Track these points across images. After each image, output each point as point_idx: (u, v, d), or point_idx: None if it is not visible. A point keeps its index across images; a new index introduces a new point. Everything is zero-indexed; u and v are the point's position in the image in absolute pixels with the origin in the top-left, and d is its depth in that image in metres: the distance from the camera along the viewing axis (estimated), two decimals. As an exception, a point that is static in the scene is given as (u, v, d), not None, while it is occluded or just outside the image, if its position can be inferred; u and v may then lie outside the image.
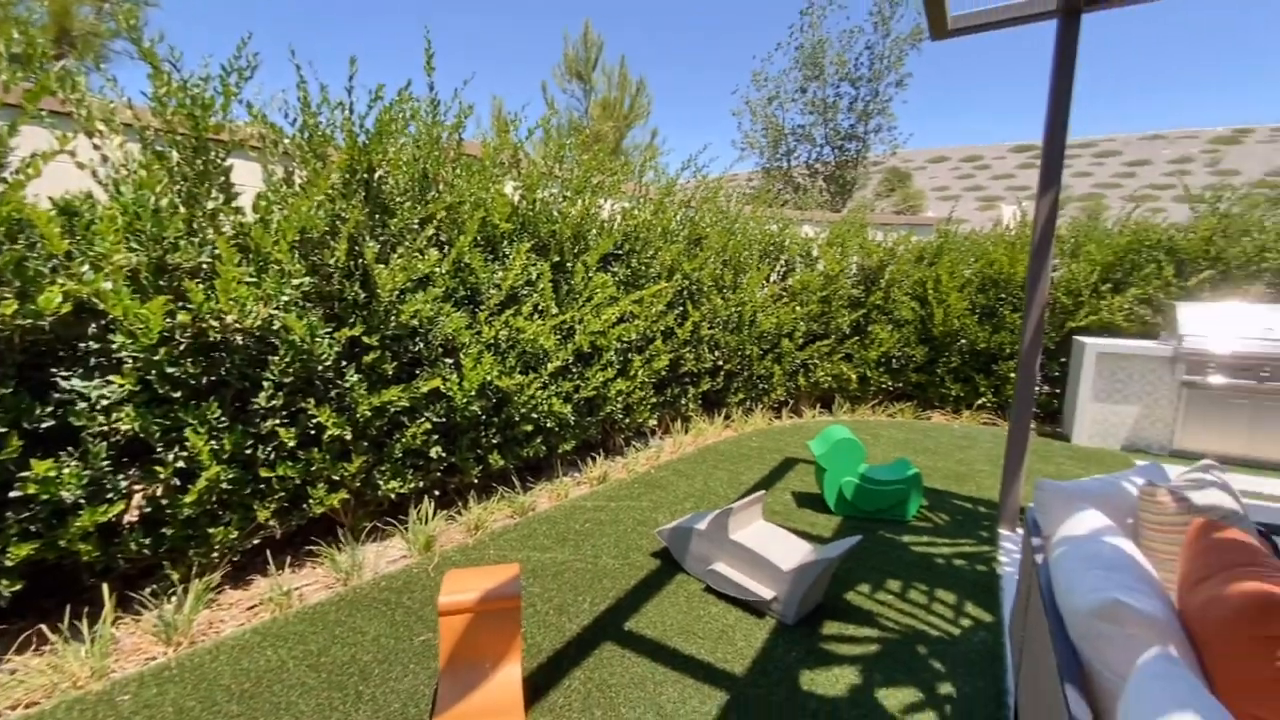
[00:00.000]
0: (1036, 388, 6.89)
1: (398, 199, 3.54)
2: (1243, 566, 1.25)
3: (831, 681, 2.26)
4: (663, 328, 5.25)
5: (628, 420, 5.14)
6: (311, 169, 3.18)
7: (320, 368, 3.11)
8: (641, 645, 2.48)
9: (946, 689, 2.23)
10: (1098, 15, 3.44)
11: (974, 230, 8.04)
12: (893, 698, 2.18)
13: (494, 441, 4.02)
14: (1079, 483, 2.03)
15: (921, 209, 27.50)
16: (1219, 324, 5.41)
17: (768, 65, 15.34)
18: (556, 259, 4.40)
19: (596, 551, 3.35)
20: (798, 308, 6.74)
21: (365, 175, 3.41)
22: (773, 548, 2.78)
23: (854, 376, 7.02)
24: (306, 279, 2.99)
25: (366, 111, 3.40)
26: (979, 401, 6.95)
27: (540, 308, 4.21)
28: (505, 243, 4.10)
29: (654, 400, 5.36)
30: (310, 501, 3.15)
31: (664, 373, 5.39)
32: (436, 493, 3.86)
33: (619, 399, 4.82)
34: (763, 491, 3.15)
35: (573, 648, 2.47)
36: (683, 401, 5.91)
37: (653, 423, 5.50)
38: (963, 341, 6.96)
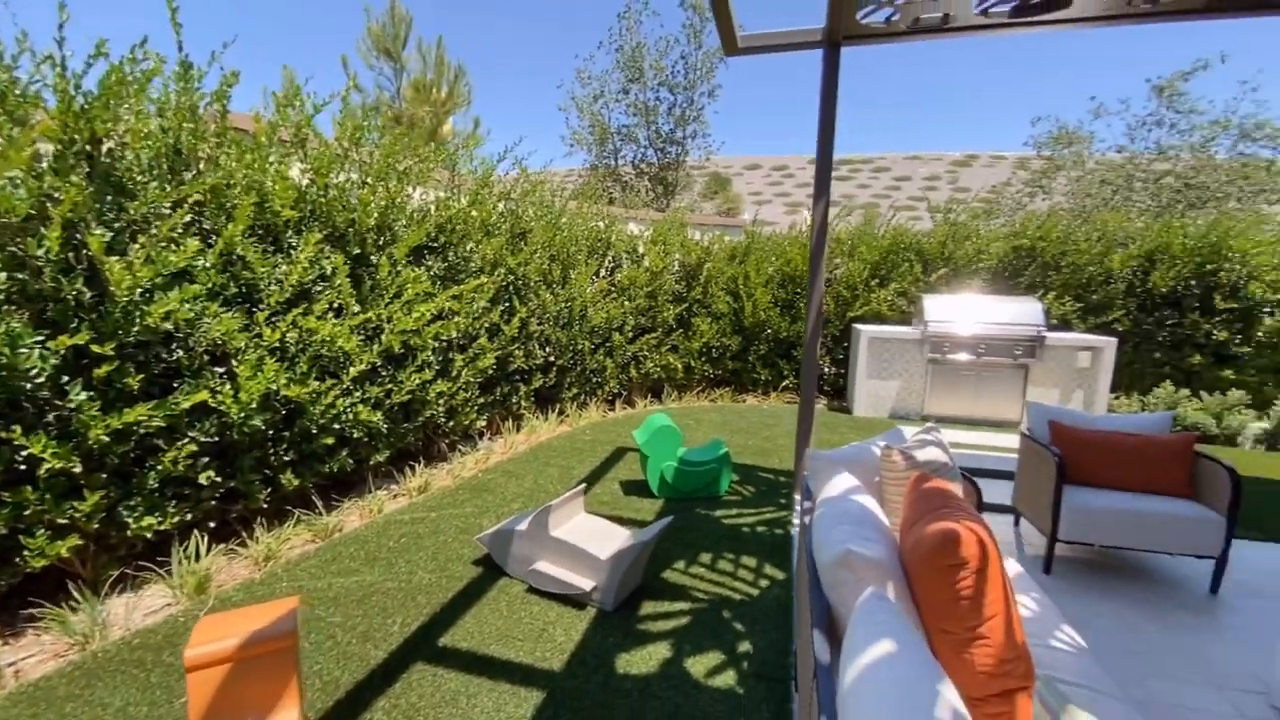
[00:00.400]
0: (829, 369, 8.04)
1: (138, 178, 2.93)
2: (938, 510, 1.54)
3: (646, 660, 2.37)
4: (487, 325, 5.06)
5: (452, 424, 4.87)
6: (4, 135, 2.50)
7: (29, 386, 2.47)
8: (456, 660, 2.36)
9: (745, 646, 2.47)
10: (861, 50, 4.01)
11: (775, 232, 9.00)
12: (699, 664, 2.35)
13: (287, 459, 3.55)
14: (838, 450, 2.37)
15: (739, 212, 30.16)
16: (953, 311, 6.71)
17: (590, 64, 15.59)
18: (357, 251, 4.00)
19: (412, 568, 3.12)
20: (626, 302, 6.97)
21: (87, 147, 2.76)
22: (592, 539, 2.83)
23: (680, 366, 7.47)
24: (-4, 274, 2.34)
25: (86, 69, 2.76)
26: (784, 383, 7.84)
27: (338, 305, 3.79)
28: (290, 233, 3.62)
29: (481, 401, 5.16)
30: (26, 553, 2.50)
31: (491, 371, 5.21)
32: (212, 524, 3.30)
33: (440, 402, 4.55)
34: (583, 485, 3.20)
35: (377, 676, 2.27)
36: (514, 400, 5.78)
37: (481, 424, 5.29)
38: (768, 331, 7.77)
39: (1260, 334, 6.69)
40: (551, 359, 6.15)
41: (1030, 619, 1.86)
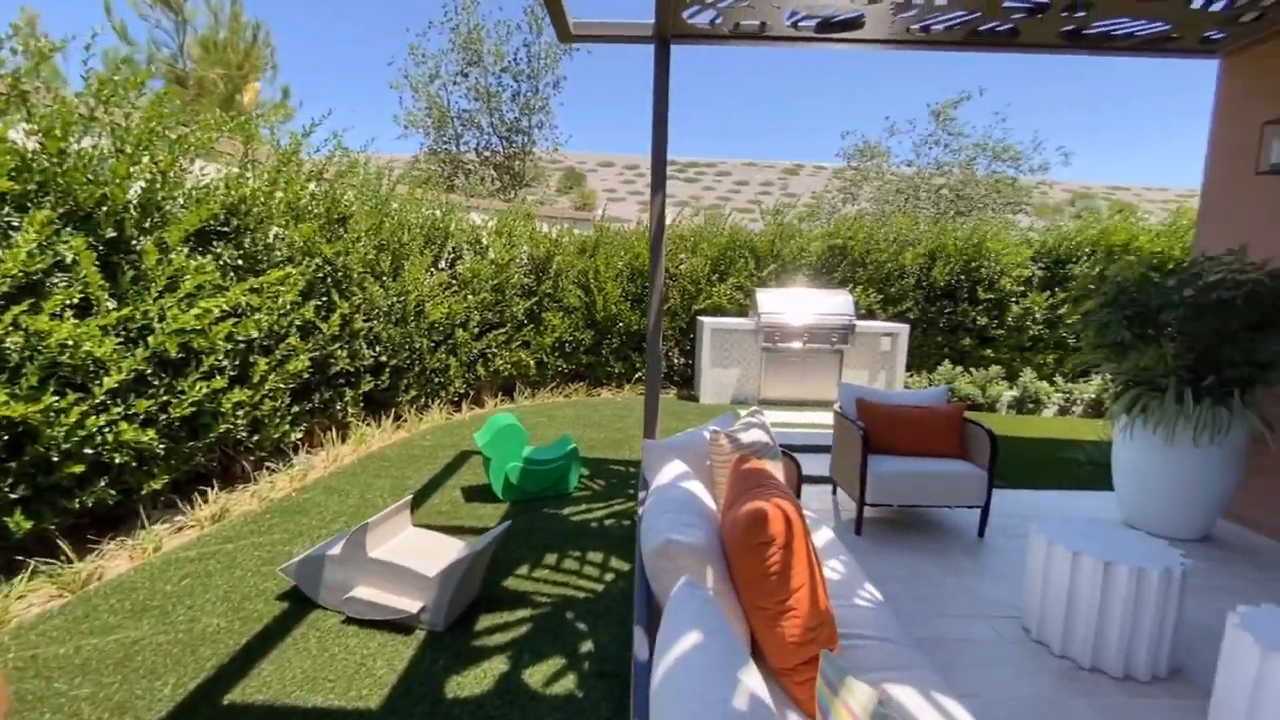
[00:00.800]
0: (678, 360, 8.36)
1: None
2: (752, 490, 1.59)
3: (480, 679, 2.20)
4: (299, 322, 4.43)
5: (257, 438, 4.20)
6: None
7: None
8: (247, 718, 2.00)
9: (587, 646, 2.41)
10: (713, 52, 4.12)
11: (623, 227, 9.13)
12: (539, 673, 2.24)
13: (15, 496, 2.79)
14: (672, 439, 2.40)
15: (594, 208, 30.39)
16: (782, 304, 7.31)
17: (424, 41, 14.55)
18: (112, 234, 3.25)
19: (195, 614, 2.60)
20: (470, 296, 6.59)
21: None
22: (420, 555, 2.58)
23: (532, 362, 7.26)
24: None
25: None
26: (637, 375, 7.99)
27: (83, 300, 3.05)
28: (8, 209, 2.82)
29: (296, 410, 4.52)
30: None
31: (307, 376, 4.58)
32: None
33: (239, 413, 3.89)
34: (408, 497, 2.91)
35: (134, 757, 1.83)
36: (338, 407, 5.17)
37: (297, 436, 4.65)
38: (620, 325, 7.87)
39: (1010, 319, 8.22)
40: (384, 359, 5.61)
41: (838, 582, 2.02)
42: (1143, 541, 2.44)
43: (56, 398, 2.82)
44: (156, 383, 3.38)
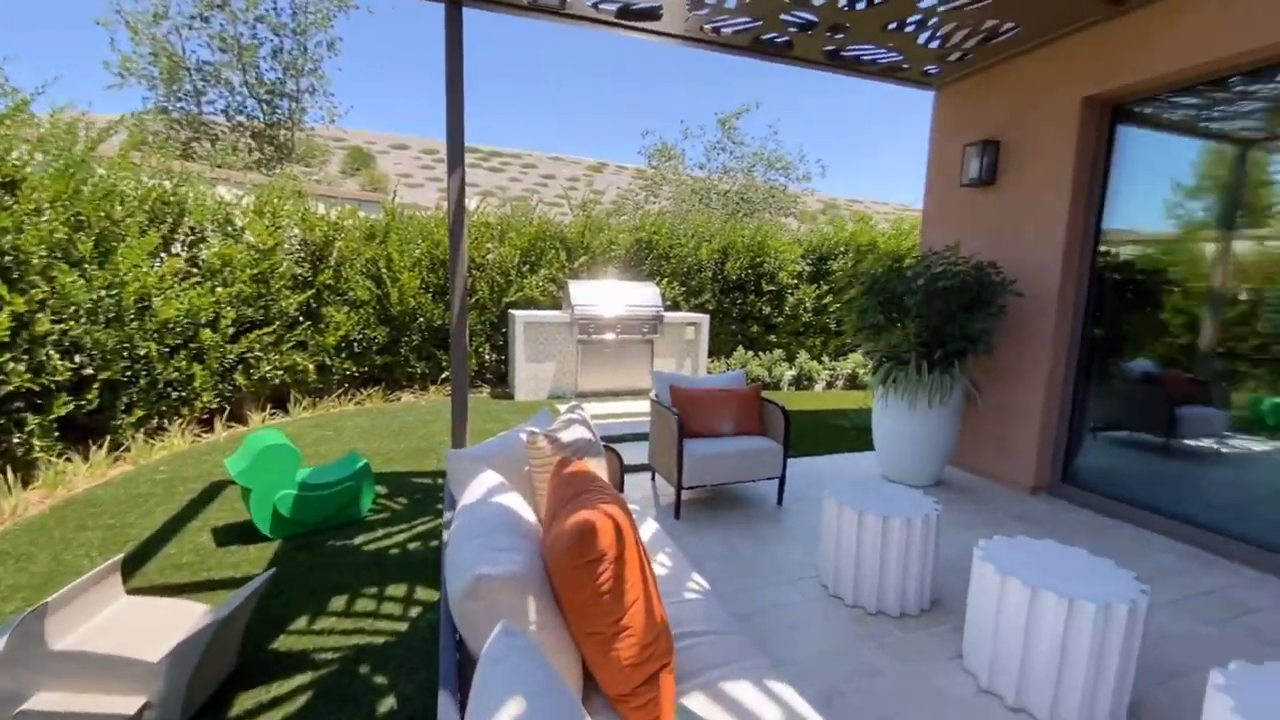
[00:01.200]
0: (491, 356, 7.86)
1: None
2: (576, 497, 1.41)
3: (237, 781, 1.69)
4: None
5: None
6: None
7: None
8: None
9: (388, 704, 2.02)
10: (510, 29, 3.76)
11: (419, 210, 8.29)
12: (324, 752, 1.81)
13: None
14: (481, 446, 2.11)
15: (386, 192, 27.64)
16: (595, 296, 7.30)
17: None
18: None
19: None
20: (219, 288, 5.35)
21: None
22: (138, 634, 1.92)
23: (311, 367, 6.19)
24: None
25: None
26: (444, 375, 7.33)
27: None
28: None
29: (-75, 450, 3.16)
30: None
31: (-55, 401, 3.24)
32: None
33: None
34: (118, 556, 2.16)
35: None
36: (17, 439, 3.78)
37: (-69, 487, 3.27)
38: (421, 319, 7.13)
39: (787, 309, 9.34)
40: (89, 371, 4.26)
41: (667, 577, 1.95)
42: (905, 495, 2.83)
43: None
44: None
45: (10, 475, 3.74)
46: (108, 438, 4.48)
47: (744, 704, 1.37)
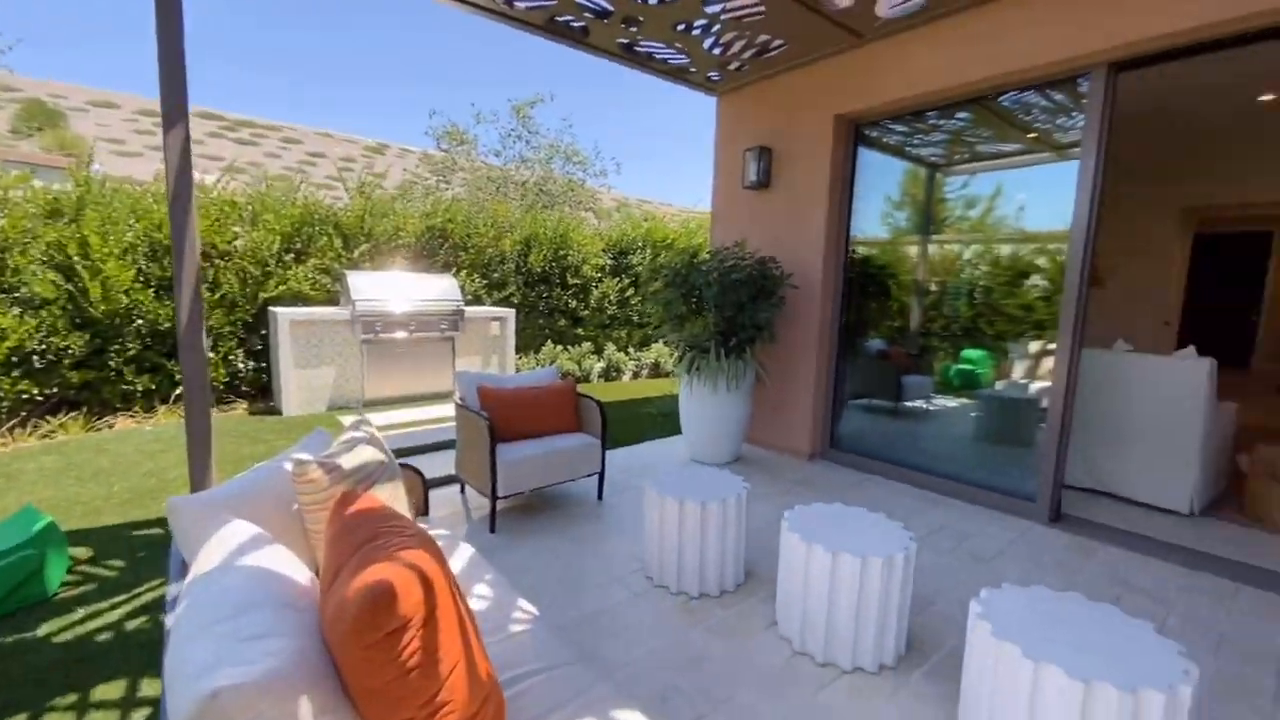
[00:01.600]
0: (245, 365, 6.46)
1: None
2: (364, 546, 1.10)
3: None
4: None
5: None
6: None
7: None
8: None
9: None
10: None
11: (133, 184, 6.46)
12: None
13: None
14: (225, 485, 1.61)
15: (85, 161, 21.32)
16: (382, 289, 6.45)
17: None
18: None
19: None
20: None
21: None
22: None
23: (-52, 392, 4.40)
24: None
25: None
26: (176, 392, 5.82)
27: None
28: None
29: None
30: None
31: None
32: None
33: None
34: None
35: None
36: None
37: None
38: (140, 322, 5.56)
39: (593, 302, 9.43)
40: None
41: (487, 611, 1.71)
42: (716, 475, 2.96)
43: None
44: None
45: None
46: None
47: (588, 745, 1.21)
